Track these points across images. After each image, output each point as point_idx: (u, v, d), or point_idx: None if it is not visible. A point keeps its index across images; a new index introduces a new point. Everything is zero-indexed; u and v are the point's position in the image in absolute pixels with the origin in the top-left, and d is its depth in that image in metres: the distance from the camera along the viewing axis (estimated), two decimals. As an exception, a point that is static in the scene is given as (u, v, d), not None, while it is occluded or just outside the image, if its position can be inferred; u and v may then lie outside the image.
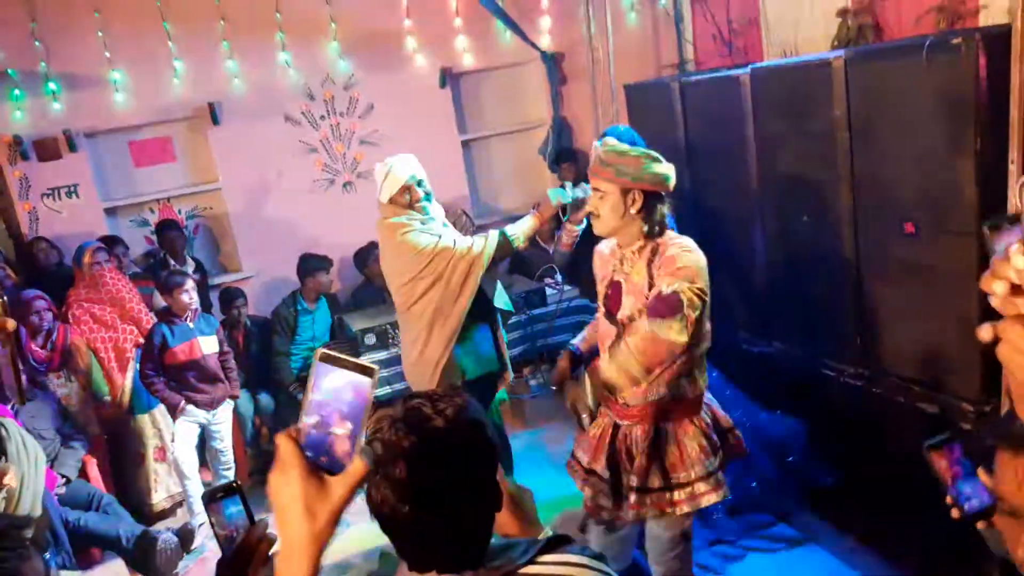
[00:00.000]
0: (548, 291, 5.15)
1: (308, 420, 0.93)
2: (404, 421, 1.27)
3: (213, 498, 1.08)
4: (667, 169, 2.52)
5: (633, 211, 2.50)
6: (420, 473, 1.23)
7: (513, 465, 3.84)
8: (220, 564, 1.04)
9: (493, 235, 3.48)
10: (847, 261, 3.59)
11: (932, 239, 3.15)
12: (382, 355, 4.89)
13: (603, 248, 2.82)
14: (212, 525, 1.06)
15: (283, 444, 0.93)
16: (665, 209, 2.54)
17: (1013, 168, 2.87)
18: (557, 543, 1.37)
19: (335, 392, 0.91)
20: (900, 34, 4.03)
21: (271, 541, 1.01)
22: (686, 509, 2.57)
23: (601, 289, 2.75)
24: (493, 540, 1.37)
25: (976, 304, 2.97)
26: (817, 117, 3.58)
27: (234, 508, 1.07)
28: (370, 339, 4.89)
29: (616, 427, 2.66)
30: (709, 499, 2.57)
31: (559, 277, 5.17)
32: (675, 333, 2.33)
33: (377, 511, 1.27)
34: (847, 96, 3.40)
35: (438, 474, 1.24)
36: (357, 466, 0.93)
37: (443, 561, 1.29)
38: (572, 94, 6.30)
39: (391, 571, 3.47)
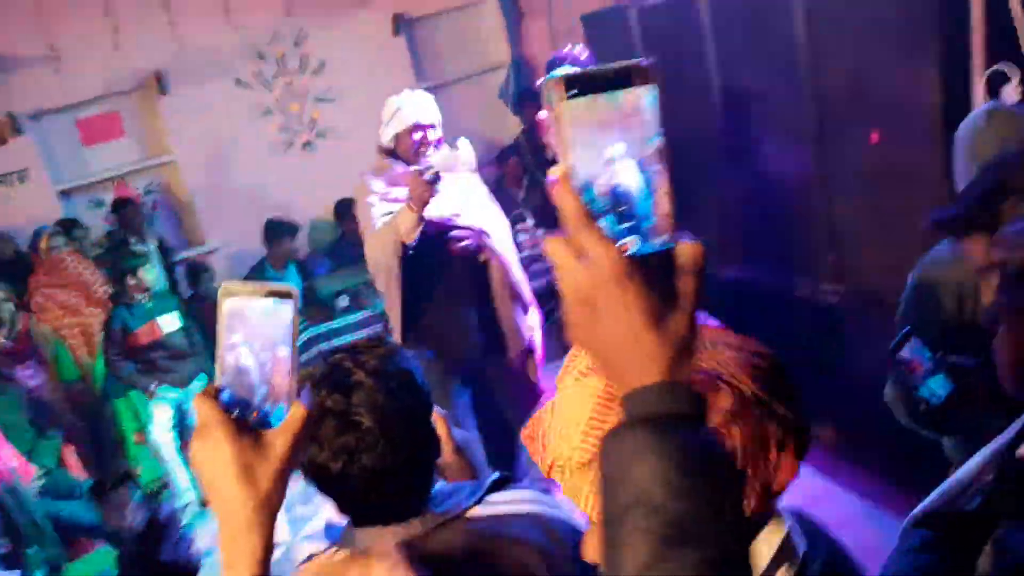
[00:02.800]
0: (520, 237, 5.05)
1: (227, 370, 0.78)
2: (326, 379, 1.24)
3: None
4: None
5: None
6: (347, 429, 1.20)
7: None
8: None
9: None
10: (815, 177, 3.50)
11: (898, 147, 3.06)
12: (358, 316, 4.81)
13: None
14: None
15: (200, 406, 0.77)
16: None
17: (976, 61, 2.77)
18: (503, 482, 1.37)
19: (252, 329, 0.76)
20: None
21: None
22: None
23: None
24: (440, 486, 1.34)
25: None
26: (777, 33, 3.45)
27: None
28: (343, 301, 4.81)
29: None
30: None
31: (530, 221, 5.07)
32: None
33: (307, 471, 1.24)
34: (805, 7, 3.27)
35: (364, 428, 1.20)
36: (297, 412, 0.78)
37: (383, 513, 1.26)
38: (530, 31, 6.11)
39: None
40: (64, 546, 3.86)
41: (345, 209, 5.29)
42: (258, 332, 0.76)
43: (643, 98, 0.62)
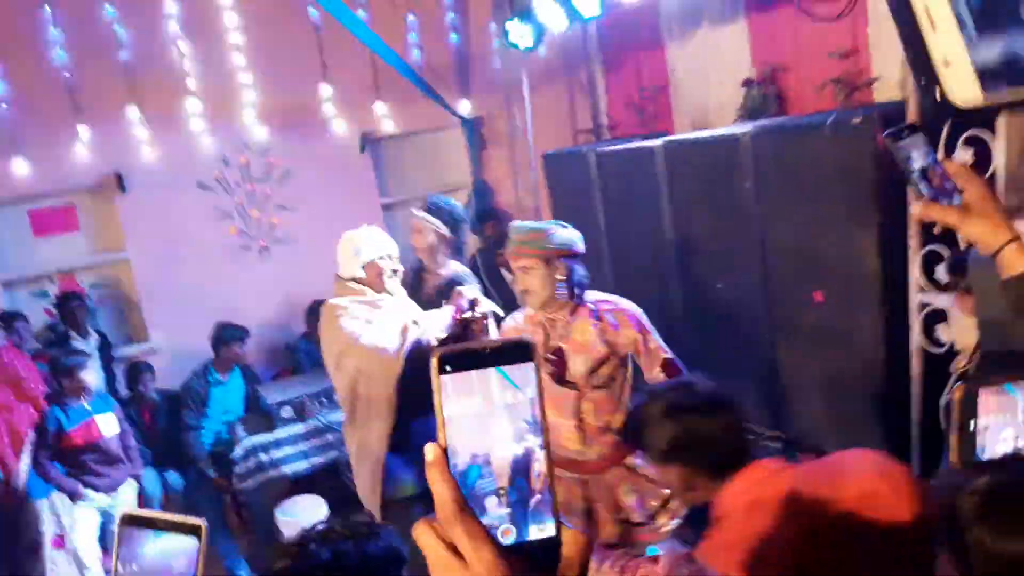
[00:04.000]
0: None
1: None
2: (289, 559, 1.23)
3: None
4: (573, 233, 2.76)
5: (559, 277, 2.69)
6: None
7: None
8: None
9: (412, 335, 3.09)
10: (762, 328, 3.65)
11: (840, 308, 3.24)
12: (299, 428, 4.73)
13: (515, 323, 2.90)
14: None
15: None
16: (583, 270, 2.75)
17: (913, 242, 2.98)
18: None
19: (154, 563, 0.72)
20: (801, 103, 4.20)
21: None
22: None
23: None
24: None
25: (883, 371, 3.05)
26: (728, 188, 3.67)
27: None
28: (287, 412, 4.73)
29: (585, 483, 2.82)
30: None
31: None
32: None
33: None
34: (755, 169, 3.50)
35: None
36: None
37: None
38: (492, 159, 6.35)
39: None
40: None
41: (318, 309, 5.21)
42: (160, 565, 0.72)
43: (524, 373, 0.60)
